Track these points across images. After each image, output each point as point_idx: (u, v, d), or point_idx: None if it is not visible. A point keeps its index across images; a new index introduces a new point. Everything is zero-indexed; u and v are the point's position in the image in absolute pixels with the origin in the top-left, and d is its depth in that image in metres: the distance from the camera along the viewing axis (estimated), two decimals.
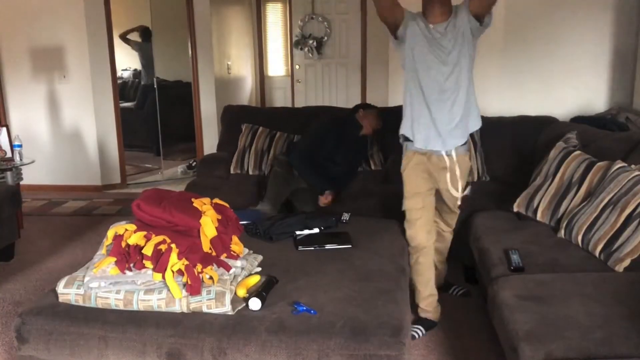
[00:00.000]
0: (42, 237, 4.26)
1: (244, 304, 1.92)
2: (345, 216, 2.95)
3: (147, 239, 2.00)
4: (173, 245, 1.97)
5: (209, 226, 2.09)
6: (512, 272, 2.33)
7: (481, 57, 4.75)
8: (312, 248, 2.50)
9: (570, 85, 4.66)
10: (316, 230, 2.68)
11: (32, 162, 4.17)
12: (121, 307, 1.91)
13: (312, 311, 1.87)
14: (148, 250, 1.95)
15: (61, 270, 3.46)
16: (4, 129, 4.12)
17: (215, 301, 1.87)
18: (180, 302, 1.88)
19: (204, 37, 6.08)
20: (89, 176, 5.68)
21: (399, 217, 3.47)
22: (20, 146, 4.13)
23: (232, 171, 4.01)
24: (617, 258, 2.28)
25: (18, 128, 5.46)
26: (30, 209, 5.02)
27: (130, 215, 2.18)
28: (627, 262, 2.26)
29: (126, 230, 2.08)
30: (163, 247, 1.97)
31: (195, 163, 6.16)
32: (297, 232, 2.65)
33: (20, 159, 4.09)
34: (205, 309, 1.88)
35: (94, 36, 5.45)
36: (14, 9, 5.45)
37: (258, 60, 7.78)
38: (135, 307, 1.90)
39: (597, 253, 2.37)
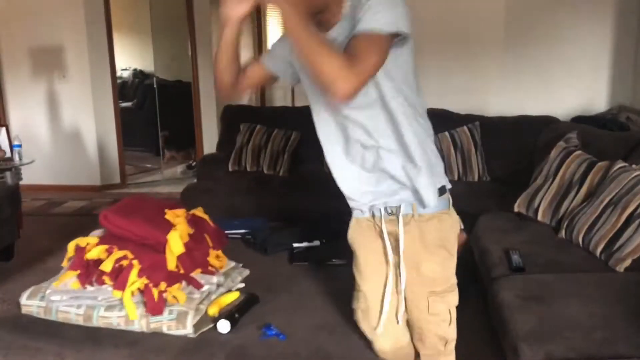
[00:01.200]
0: (41, 237, 4.26)
1: (212, 325, 1.79)
2: None
3: (109, 253, 1.89)
4: (135, 262, 1.84)
5: (175, 242, 1.93)
6: (513, 272, 2.32)
7: (481, 57, 4.78)
8: (306, 264, 2.32)
9: (570, 85, 4.65)
10: (317, 242, 2.51)
11: (32, 162, 4.16)
12: (81, 322, 1.84)
13: (281, 336, 1.75)
14: (107, 267, 1.84)
15: (61, 270, 3.46)
16: (4, 129, 4.12)
17: (176, 322, 1.76)
18: (139, 322, 1.79)
19: (204, 37, 6.07)
20: (89, 176, 5.68)
21: None
22: (19, 146, 4.13)
23: (230, 169, 4.02)
24: (617, 258, 2.27)
25: (18, 128, 5.45)
26: (30, 209, 5.01)
27: None
28: (628, 262, 2.25)
29: (88, 243, 1.98)
30: (125, 262, 1.85)
31: (195, 163, 6.16)
32: (295, 245, 2.48)
33: (20, 159, 4.09)
34: (165, 330, 1.77)
35: (94, 36, 5.45)
36: (14, 9, 5.44)
37: None
38: (94, 324, 1.82)
39: (597, 253, 2.37)
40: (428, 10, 4.87)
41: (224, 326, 1.76)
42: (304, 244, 2.48)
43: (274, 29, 7.76)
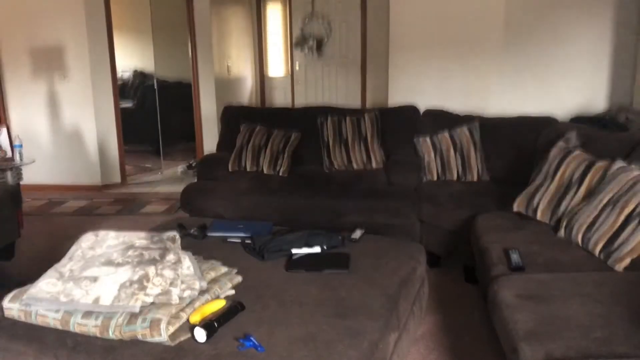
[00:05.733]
0: (42, 237, 4.27)
1: (190, 334, 1.75)
2: (357, 233, 2.62)
3: None
4: None
5: None
6: (512, 271, 2.33)
7: (481, 57, 4.78)
8: (303, 271, 2.24)
9: (569, 86, 4.66)
10: (317, 249, 2.41)
11: (32, 162, 4.17)
12: (59, 327, 1.82)
13: (259, 348, 1.68)
14: None
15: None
16: (4, 128, 4.13)
17: (150, 330, 1.72)
18: (114, 331, 1.76)
19: (204, 37, 6.09)
20: (89, 176, 5.68)
21: (407, 220, 3.46)
22: (20, 146, 4.14)
23: (230, 169, 4.03)
24: (616, 257, 2.28)
25: (18, 128, 5.46)
26: (31, 208, 5.02)
27: (131, 216, 2.16)
28: (626, 262, 2.26)
29: None
30: None
31: (195, 163, 6.17)
32: (294, 251, 2.38)
33: (21, 159, 4.10)
34: (140, 338, 1.73)
35: (94, 36, 5.46)
36: (14, 9, 5.45)
37: (258, 60, 7.78)
38: (72, 329, 1.80)
39: (597, 252, 2.38)
40: (428, 10, 4.88)
41: (200, 335, 1.72)
42: (304, 250, 2.39)
43: (274, 29, 7.77)
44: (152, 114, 6.38)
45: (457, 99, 4.78)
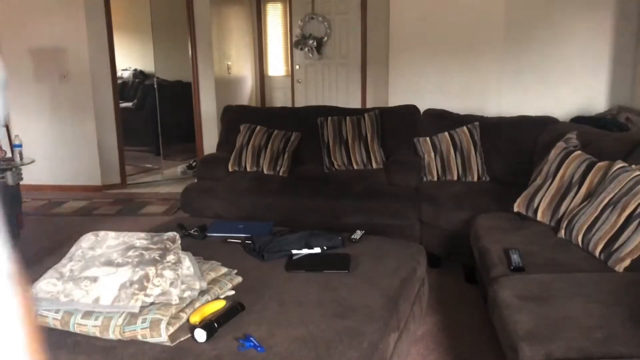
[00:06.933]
0: (42, 237, 4.26)
1: (190, 334, 1.74)
2: (357, 234, 2.62)
3: None
4: None
5: None
6: (512, 272, 2.32)
7: (481, 57, 4.79)
8: (303, 272, 2.23)
9: (570, 85, 4.66)
10: (317, 250, 2.42)
11: (32, 162, 4.17)
12: (58, 327, 1.82)
13: (259, 349, 1.67)
14: None
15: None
16: (4, 128, 4.12)
17: (149, 330, 1.72)
18: (113, 332, 1.75)
19: (204, 37, 6.09)
20: (89, 176, 5.68)
21: (407, 220, 3.46)
22: (20, 146, 4.14)
23: (230, 169, 4.03)
24: (617, 258, 2.28)
25: (18, 128, 5.45)
26: (31, 209, 5.02)
27: (131, 216, 2.16)
28: (627, 262, 2.25)
29: None
30: None
31: (195, 163, 6.17)
32: (294, 252, 2.37)
33: (21, 159, 4.10)
34: (140, 338, 1.73)
35: (94, 36, 5.46)
36: (14, 9, 5.45)
37: (258, 60, 7.78)
38: (71, 329, 1.80)
39: (597, 253, 2.37)
40: (428, 10, 4.88)
41: (200, 335, 1.72)
42: (304, 251, 2.40)
43: (274, 29, 7.76)
44: (152, 114, 6.38)
45: (457, 99, 4.78)
